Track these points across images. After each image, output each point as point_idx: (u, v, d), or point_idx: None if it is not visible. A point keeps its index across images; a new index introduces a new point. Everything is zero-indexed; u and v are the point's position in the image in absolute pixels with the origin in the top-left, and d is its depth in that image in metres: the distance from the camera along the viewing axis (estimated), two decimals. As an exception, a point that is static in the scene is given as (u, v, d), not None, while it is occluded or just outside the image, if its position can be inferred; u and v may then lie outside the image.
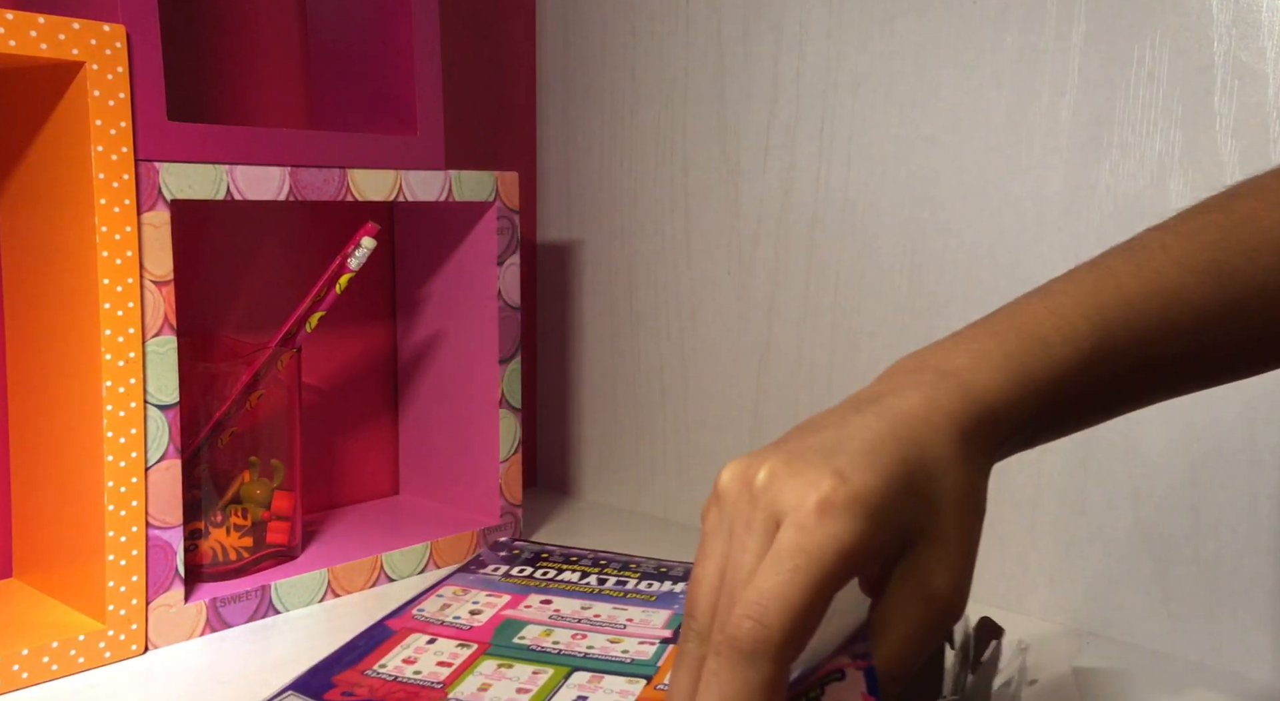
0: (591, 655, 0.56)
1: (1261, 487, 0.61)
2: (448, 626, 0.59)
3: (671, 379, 0.89)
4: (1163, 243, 0.44)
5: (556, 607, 0.62)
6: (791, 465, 0.36)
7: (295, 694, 0.52)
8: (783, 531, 0.35)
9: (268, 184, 0.66)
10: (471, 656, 0.56)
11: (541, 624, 0.60)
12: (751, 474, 0.37)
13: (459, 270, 0.82)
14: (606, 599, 0.63)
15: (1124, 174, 0.65)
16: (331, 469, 0.86)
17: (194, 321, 0.76)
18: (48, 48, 0.56)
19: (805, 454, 0.37)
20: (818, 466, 0.36)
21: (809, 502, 0.35)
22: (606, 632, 0.59)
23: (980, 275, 0.71)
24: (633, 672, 0.55)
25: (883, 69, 0.74)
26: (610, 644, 0.58)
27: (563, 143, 0.94)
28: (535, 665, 0.55)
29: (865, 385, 0.42)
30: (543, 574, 0.66)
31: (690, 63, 0.85)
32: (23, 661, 0.58)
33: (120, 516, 0.61)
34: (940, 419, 0.38)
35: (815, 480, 0.35)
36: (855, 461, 0.36)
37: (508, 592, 0.64)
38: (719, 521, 0.38)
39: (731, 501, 0.37)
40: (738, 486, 0.37)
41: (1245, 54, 0.60)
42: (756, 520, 0.36)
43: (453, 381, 0.84)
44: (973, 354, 0.40)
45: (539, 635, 0.58)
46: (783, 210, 0.80)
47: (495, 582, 0.65)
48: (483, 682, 0.53)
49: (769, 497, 0.36)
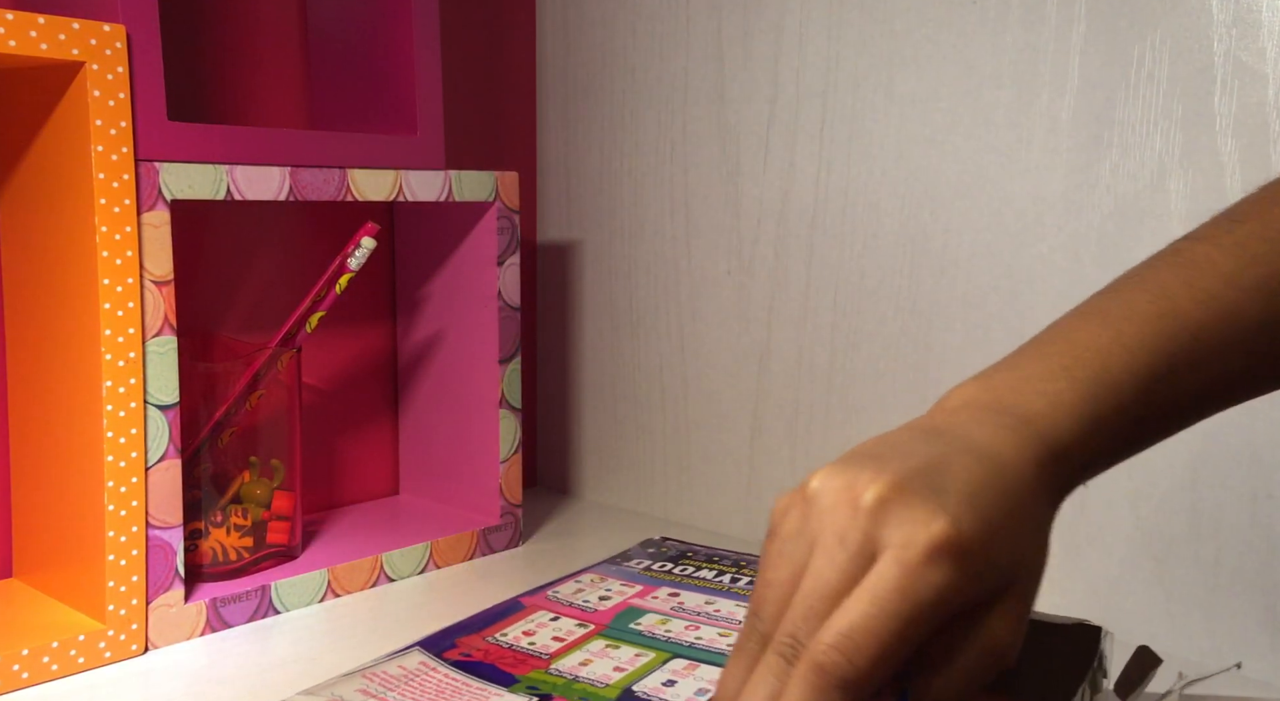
0: (697, 645, 0.57)
1: (1261, 487, 0.61)
2: (575, 608, 0.61)
3: (671, 379, 0.89)
4: (1210, 258, 0.43)
5: (681, 600, 0.63)
6: (903, 494, 0.35)
7: (420, 649, 0.55)
8: (885, 565, 0.34)
9: (268, 184, 0.66)
10: (585, 635, 0.58)
11: (661, 613, 0.61)
12: (858, 491, 0.36)
13: (459, 270, 0.82)
14: (733, 596, 0.63)
15: (1124, 174, 0.65)
16: (331, 469, 0.86)
17: (194, 321, 0.76)
18: (48, 48, 0.56)
19: (912, 483, 0.36)
20: (928, 503, 0.35)
21: (918, 542, 0.34)
22: (720, 626, 0.59)
23: (980, 275, 0.71)
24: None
25: (883, 69, 0.74)
26: (719, 637, 0.58)
27: (563, 143, 0.94)
28: (640, 648, 0.56)
29: (927, 411, 0.42)
30: (681, 569, 0.67)
31: (690, 63, 0.85)
32: (23, 661, 0.58)
33: (120, 516, 0.61)
34: (1029, 471, 0.38)
35: (926, 519, 0.34)
36: (962, 506, 0.35)
37: (641, 584, 0.65)
38: (802, 526, 0.37)
39: (826, 510, 0.36)
40: (838, 498, 0.36)
41: (1245, 54, 0.60)
42: (853, 539, 0.35)
43: (453, 381, 0.84)
44: (1048, 397, 0.40)
45: (655, 623, 0.59)
46: (783, 210, 0.81)
47: (634, 574, 0.66)
48: (585, 658, 0.55)
49: (873, 522, 0.35)
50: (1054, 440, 0.39)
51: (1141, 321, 0.42)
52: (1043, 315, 0.69)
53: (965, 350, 0.72)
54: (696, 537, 0.84)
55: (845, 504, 0.36)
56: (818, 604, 0.35)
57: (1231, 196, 0.61)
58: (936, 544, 0.34)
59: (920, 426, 0.40)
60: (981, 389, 0.41)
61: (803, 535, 0.37)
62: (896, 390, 0.76)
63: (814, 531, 0.36)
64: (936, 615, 0.34)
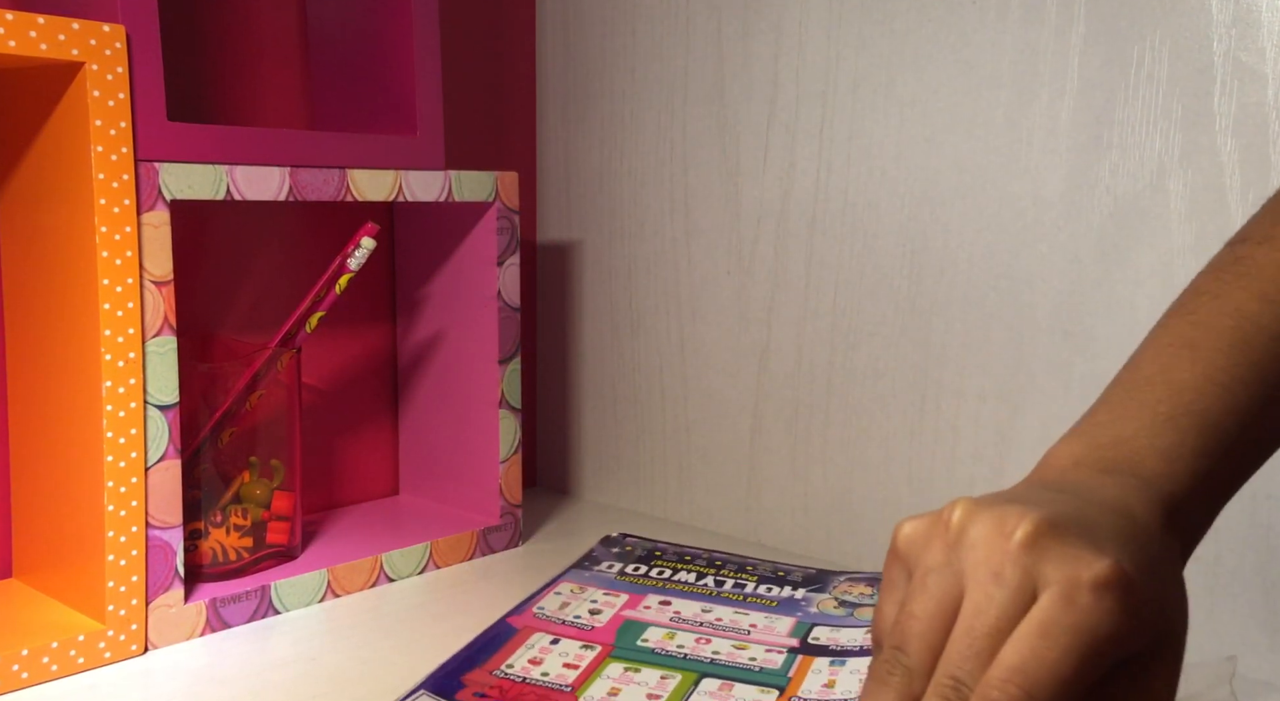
0: (718, 661, 0.55)
1: (1261, 487, 0.61)
2: (569, 626, 0.59)
3: (671, 379, 0.89)
4: (1275, 262, 0.42)
5: (676, 609, 0.61)
6: (1058, 532, 0.34)
7: (427, 693, 0.52)
8: (1049, 601, 0.33)
9: (268, 184, 0.66)
10: (597, 658, 0.56)
11: (664, 626, 0.59)
12: (1009, 526, 0.34)
13: (459, 270, 0.82)
14: (726, 602, 0.62)
15: (1124, 174, 0.65)
16: (331, 469, 0.86)
17: (194, 321, 0.76)
18: (48, 48, 0.56)
19: (1064, 522, 0.35)
20: (1086, 542, 0.34)
21: (1083, 578, 0.33)
22: (730, 638, 0.58)
23: (980, 275, 0.71)
24: (763, 682, 0.53)
25: (883, 69, 0.74)
26: (736, 650, 0.57)
27: (563, 143, 0.94)
28: (662, 669, 0.54)
29: (1031, 472, 0.41)
30: (658, 573, 0.66)
31: (690, 63, 0.85)
32: (23, 661, 0.58)
33: (120, 516, 0.61)
34: (1158, 528, 0.37)
35: (1089, 557, 0.33)
36: (1118, 549, 0.34)
37: (625, 592, 0.63)
38: (948, 559, 0.35)
39: (978, 544, 0.35)
40: (989, 532, 0.35)
41: (1245, 54, 0.60)
42: (1010, 576, 0.34)
43: (453, 381, 0.84)
44: (1160, 453, 0.39)
45: (662, 637, 0.58)
46: (783, 210, 0.80)
47: (611, 580, 0.65)
48: (611, 687, 0.53)
49: (1030, 559, 0.34)
50: (1173, 497, 0.38)
51: (1229, 350, 0.41)
52: (1043, 315, 0.69)
53: (965, 350, 0.72)
54: (697, 538, 0.84)
55: (998, 538, 0.34)
56: (981, 642, 0.34)
57: (1232, 196, 0.61)
58: (1102, 580, 0.33)
59: (1039, 482, 0.38)
60: (1088, 447, 0.40)
61: (949, 568, 0.35)
62: (896, 390, 0.76)
63: (963, 565, 0.35)
64: (1106, 655, 0.33)
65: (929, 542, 0.36)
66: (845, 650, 0.56)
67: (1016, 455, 0.70)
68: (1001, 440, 0.71)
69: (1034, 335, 0.69)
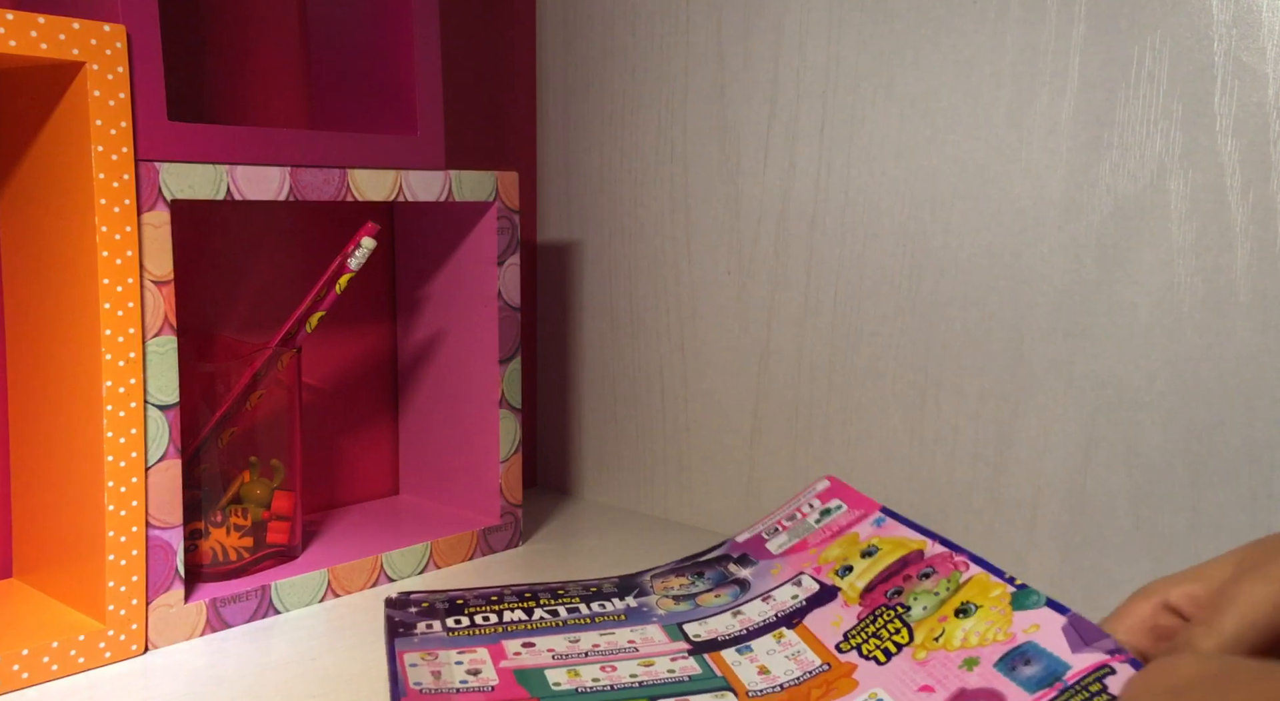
0: (649, 683, 0.51)
1: (1261, 487, 0.61)
2: (469, 692, 0.52)
3: (671, 379, 0.89)
4: None
5: (549, 647, 0.56)
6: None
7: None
8: None
9: (268, 184, 0.66)
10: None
11: (556, 666, 0.54)
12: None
13: (459, 270, 0.82)
14: (581, 628, 0.58)
15: (1124, 174, 0.65)
16: (331, 469, 0.86)
17: (194, 321, 0.76)
18: (48, 48, 0.56)
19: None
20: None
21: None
22: (628, 658, 0.54)
23: (980, 275, 0.71)
24: (709, 689, 0.50)
25: (883, 69, 0.74)
26: (646, 668, 0.53)
27: (563, 143, 0.94)
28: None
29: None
30: (484, 619, 0.60)
31: (690, 63, 0.85)
32: (23, 661, 0.58)
33: (120, 516, 0.61)
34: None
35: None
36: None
37: (478, 645, 0.57)
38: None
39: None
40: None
41: (1245, 54, 0.60)
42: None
43: (453, 381, 0.84)
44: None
45: (569, 676, 0.53)
46: (783, 210, 0.81)
47: (445, 639, 0.58)
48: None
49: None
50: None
51: None
52: (1043, 315, 0.69)
53: (965, 350, 0.72)
54: (698, 538, 0.84)
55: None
56: None
57: (1232, 196, 0.61)
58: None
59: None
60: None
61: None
62: (896, 390, 0.76)
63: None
64: None
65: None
66: (736, 637, 0.54)
67: (1016, 455, 0.71)
68: (1001, 440, 0.71)
69: (1034, 335, 0.69)
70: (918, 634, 0.45)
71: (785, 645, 0.51)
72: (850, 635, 0.48)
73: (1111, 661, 0.38)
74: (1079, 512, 0.68)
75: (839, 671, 0.47)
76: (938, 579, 0.47)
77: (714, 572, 0.61)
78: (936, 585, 0.47)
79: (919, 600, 0.47)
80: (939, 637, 0.44)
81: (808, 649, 0.50)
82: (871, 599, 0.49)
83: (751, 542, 0.61)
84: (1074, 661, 0.40)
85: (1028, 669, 0.40)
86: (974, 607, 0.44)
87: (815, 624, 0.51)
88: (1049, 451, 0.69)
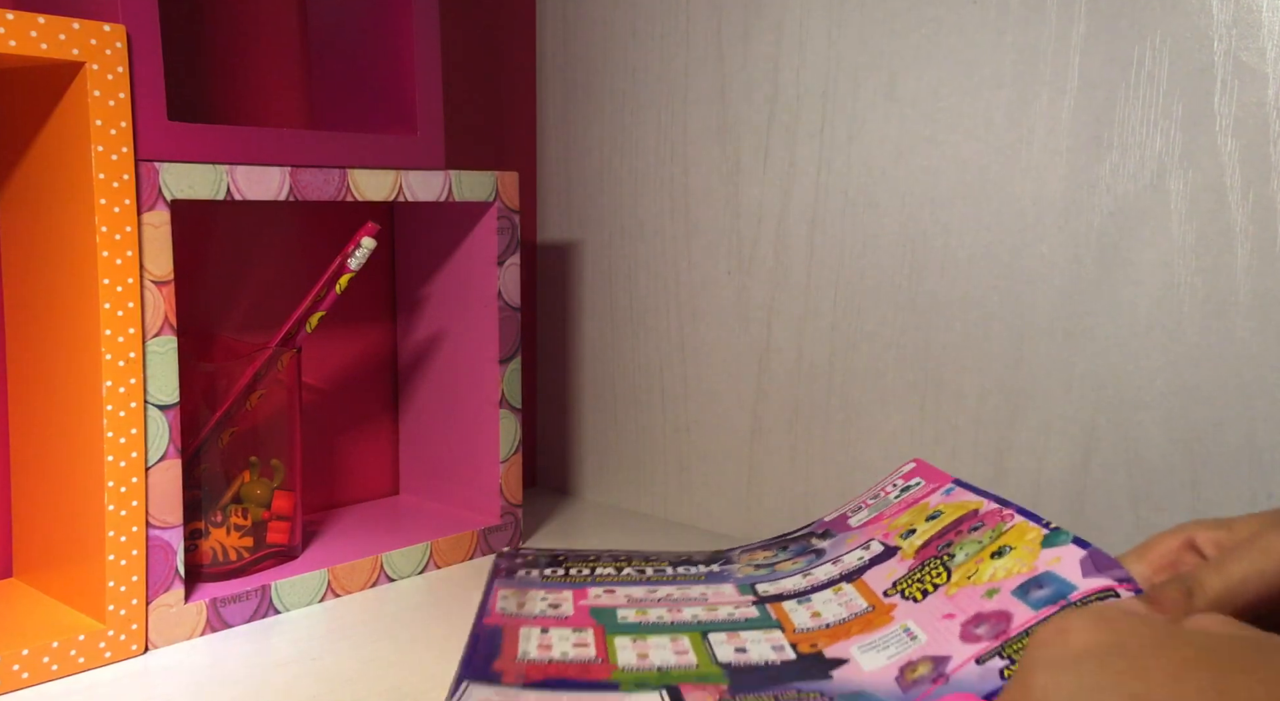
0: (704, 620, 0.55)
1: (1261, 487, 0.61)
2: (546, 618, 0.57)
3: (671, 379, 0.89)
4: None
5: (626, 594, 0.60)
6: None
7: (473, 683, 0.50)
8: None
9: (268, 184, 0.66)
10: (599, 637, 0.54)
11: (628, 607, 0.58)
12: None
13: (459, 270, 0.82)
14: (660, 583, 0.62)
15: (1124, 174, 0.65)
16: (331, 469, 0.86)
17: (194, 321, 0.76)
18: (48, 48, 0.56)
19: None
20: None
21: None
22: (696, 605, 0.58)
23: (980, 275, 0.71)
24: (760, 627, 0.54)
25: (883, 69, 0.74)
26: (710, 612, 0.56)
27: (563, 143, 0.94)
28: (668, 634, 0.54)
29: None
30: (578, 572, 0.65)
31: (690, 63, 0.85)
32: (23, 661, 0.58)
33: (120, 516, 0.61)
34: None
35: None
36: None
37: (565, 588, 0.62)
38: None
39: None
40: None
41: (1245, 54, 0.60)
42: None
43: (453, 381, 0.84)
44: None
45: (637, 615, 0.57)
46: (783, 210, 0.81)
47: (540, 583, 0.64)
48: (639, 652, 0.52)
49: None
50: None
51: None
52: (1043, 315, 0.69)
53: (965, 350, 0.72)
54: (697, 538, 0.84)
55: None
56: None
57: (1232, 196, 0.61)
58: None
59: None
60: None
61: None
62: (896, 390, 0.76)
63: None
64: None
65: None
66: (799, 592, 0.57)
67: (1016, 455, 0.71)
68: (1001, 440, 0.71)
69: (1034, 335, 0.69)
70: (955, 575, 0.49)
71: (841, 595, 0.54)
72: (898, 582, 0.52)
73: (1117, 587, 0.41)
74: (1079, 513, 0.68)
75: (880, 611, 0.50)
76: (984, 530, 0.51)
77: (797, 545, 0.64)
78: (982, 536, 0.50)
79: (964, 549, 0.50)
80: (971, 576, 0.48)
81: (859, 597, 0.53)
82: (924, 553, 0.53)
83: (836, 520, 0.64)
84: (1081, 584, 0.42)
85: (1040, 592, 0.44)
86: (1009, 549, 0.48)
87: (872, 578, 0.54)
88: (1049, 451, 0.69)
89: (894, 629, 0.49)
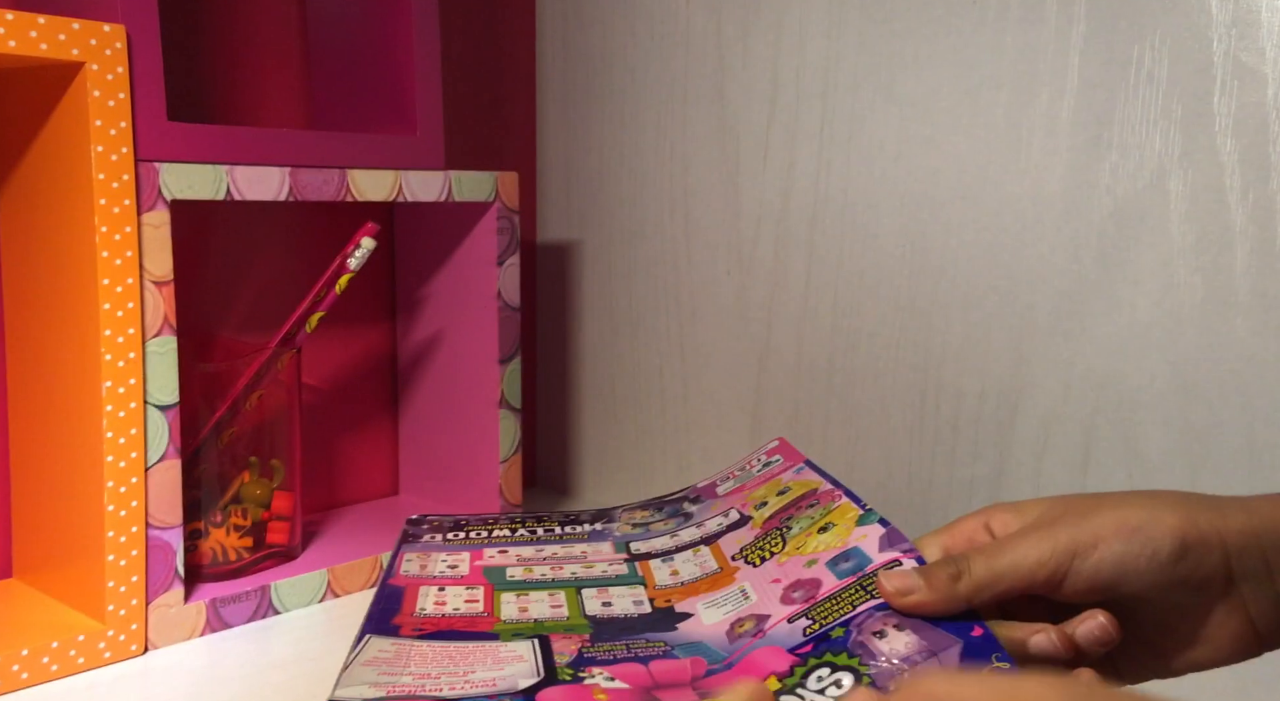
0: (581, 577, 0.61)
1: (1261, 487, 0.61)
2: (442, 578, 0.62)
3: (671, 379, 0.89)
4: None
5: (517, 554, 0.65)
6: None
7: (375, 636, 0.55)
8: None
9: (268, 184, 0.66)
10: (487, 594, 0.59)
11: (517, 565, 0.63)
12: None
13: (459, 270, 0.82)
14: (550, 542, 0.67)
15: (1124, 174, 0.65)
16: (331, 469, 0.86)
17: (194, 321, 0.76)
18: (48, 48, 0.56)
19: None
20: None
21: None
22: (575, 563, 0.63)
23: (980, 275, 0.71)
24: (627, 582, 0.60)
25: (883, 69, 0.74)
26: (586, 569, 0.62)
27: (563, 143, 0.94)
28: (546, 591, 0.59)
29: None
30: (476, 534, 0.69)
31: (690, 63, 0.85)
32: (23, 661, 0.58)
33: (120, 516, 0.61)
34: None
35: None
36: None
37: (463, 550, 0.66)
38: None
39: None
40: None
41: (1245, 54, 0.60)
42: None
43: (453, 381, 0.84)
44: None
45: (524, 573, 0.62)
46: (783, 210, 0.81)
47: (442, 545, 0.68)
48: (521, 606, 0.57)
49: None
50: None
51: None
52: (1042, 315, 0.69)
53: (965, 350, 0.72)
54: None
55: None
56: None
57: (1232, 196, 0.61)
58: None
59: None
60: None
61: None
62: (896, 390, 0.76)
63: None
64: None
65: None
66: (665, 551, 0.63)
67: (1016, 455, 0.71)
68: (1001, 440, 0.71)
69: (1034, 335, 0.69)
70: (788, 546, 0.56)
71: (699, 557, 0.61)
72: (744, 548, 0.59)
73: (901, 557, 0.48)
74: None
75: (726, 572, 0.57)
76: (818, 508, 0.58)
77: (671, 507, 0.69)
78: (815, 513, 0.57)
79: (799, 523, 0.57)
80: (800, 547, 0.55)
81: (712, 559, 0.60)
82: (769, 524, 0.60)
83: (706, 487, 0.70)
84: (876, 558, 0.50)
85: (846, 564, 0.51)
86: (832, 526, 0.55)
87: (726, 542, 0.61)
88: (1049, 451, 0.69)
89: (733, 589, 0.55)
